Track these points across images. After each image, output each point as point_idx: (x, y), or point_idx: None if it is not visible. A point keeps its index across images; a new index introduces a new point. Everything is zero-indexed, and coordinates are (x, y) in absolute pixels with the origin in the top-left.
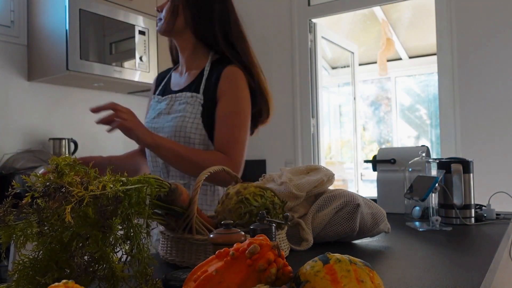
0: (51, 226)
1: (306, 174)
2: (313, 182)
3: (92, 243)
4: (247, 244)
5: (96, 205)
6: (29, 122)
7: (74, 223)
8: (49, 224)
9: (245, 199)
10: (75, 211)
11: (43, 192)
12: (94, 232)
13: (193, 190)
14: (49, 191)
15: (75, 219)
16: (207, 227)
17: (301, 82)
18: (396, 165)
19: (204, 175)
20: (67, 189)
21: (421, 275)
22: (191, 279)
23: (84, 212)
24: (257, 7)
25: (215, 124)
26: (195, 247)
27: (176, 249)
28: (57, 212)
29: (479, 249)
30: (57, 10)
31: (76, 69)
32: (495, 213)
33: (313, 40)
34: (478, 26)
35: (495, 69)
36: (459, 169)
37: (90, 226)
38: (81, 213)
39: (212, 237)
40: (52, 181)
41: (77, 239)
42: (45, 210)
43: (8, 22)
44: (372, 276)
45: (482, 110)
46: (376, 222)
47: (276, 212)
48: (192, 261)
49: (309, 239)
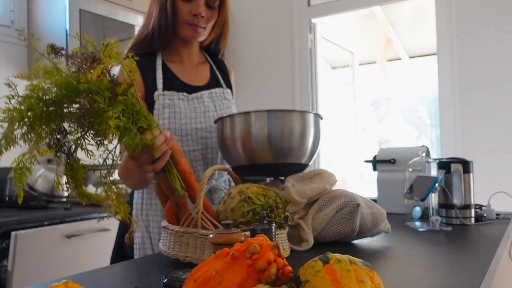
0: (74, 72)
1: (310, 180)
2: (316, 190)
3: (99, 98)
4: (247, 244)
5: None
6: None
7: (92, 81)
8: (75, 69)
9: (248, 198)
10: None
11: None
12: (105, 93)
13: (199, 186)
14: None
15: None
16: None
17: (301, 82)
18: (396, 165)
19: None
20: (99, 59)
21: (421, 275)
22: (191, 279)
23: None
24: (257, 7)
25: None
26: (200, 241)
27: (179, 244)
28: (84, 67)
29: (479, 249)
30: (57, 10)
31: None
32: (495, 213)
33: (313, 40)
34: (478, 26)
35: (495, 69)
36: (459, 169)
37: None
38: (100, 77)
39: (212, 237)
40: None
41: (89, 92)
42: (75, 58)
43: (8, 22)
44: (372, 276)
45: (482, 110)
46: (376, 222)
47: (279, 211)
48: (196, 256)
49: (309, 239)
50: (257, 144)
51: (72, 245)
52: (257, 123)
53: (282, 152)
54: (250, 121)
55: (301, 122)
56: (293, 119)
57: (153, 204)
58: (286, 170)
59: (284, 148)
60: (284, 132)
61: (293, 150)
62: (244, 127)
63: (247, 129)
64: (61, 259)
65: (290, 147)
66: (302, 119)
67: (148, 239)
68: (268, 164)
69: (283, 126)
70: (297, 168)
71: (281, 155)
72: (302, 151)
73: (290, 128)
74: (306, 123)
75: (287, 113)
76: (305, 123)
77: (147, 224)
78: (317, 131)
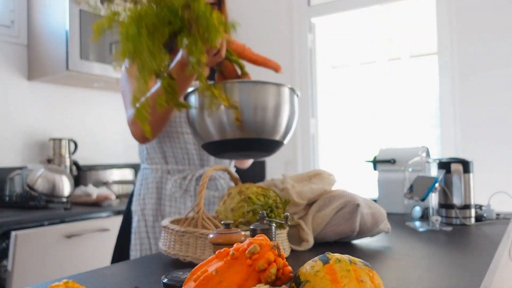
0: None
1: (309, 181)
2: (316, 191)
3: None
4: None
5: None
6: (29, 122)
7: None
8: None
9: (248, 198)
10: None
11: None
12: None
13: (200, 185)
14: None
15: None
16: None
17: (301, 82)
18: (396, 165)
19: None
20: None
21: (421, 275)
22: (191, 279)
23: None
24: (257, 7)
25: None
26: (201, 241)
27: (180, 243)
28: None
29: (479, 249)
30: (57, 10)
31: (76, 69)
32: (495, 213)
33: (313, 40)
34: (479, 26)
35: (495, 69)
36: (459, 169)
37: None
38: None
39: (212, 237)
40: None
41: None
42: None
43: (8, 22)
44: (372, 276)
45: (482, 110)
46: (376, 222)
47: (279, 211)
48: (196, 255)
49: (309, 239)
50: (228, 117)
51: (72, 245)
52: (228, 95)
53: (255, 127)
54: None
55: (276, 96)
56: (267, 92)
57: (149, 188)
58: (259, 147)
59: (257, 122)
60: (257, 105)
61: (267, 125)
62: (213, 98)
63: (217, 101)
64: (61, 259)
65: (263, 122)
66: (277, 92)
67: (143, 222)
68: (240, 139)
69: (256, 99)
70: (270, 145)
71: (253, 130)
72: (276, 127)
73: (264, 101)
74: (281, 98)
75: (260, 85)
76: (280, 98)
77: (143, 207)
78: (292, 108)
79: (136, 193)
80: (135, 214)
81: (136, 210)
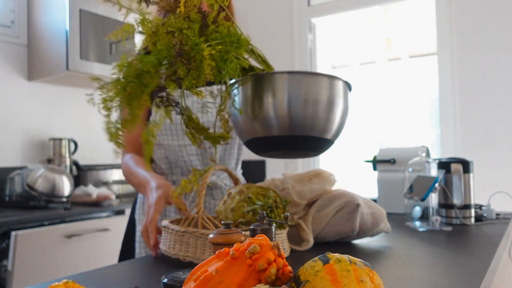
0: None
1: (309, 181)
2: (316, 191)
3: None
4: (247, 244)
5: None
6: (29, 122)
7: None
8: None
9: (248, 198)
10: None
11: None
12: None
13: (200, 186)
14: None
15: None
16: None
17: None
18: (396, 165)
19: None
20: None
21: (421, 275)
22: (191, 279)
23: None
24: (257, 7)
25: None
26: (201, 241)
27: (180, 244)
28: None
29: (479, 249)
30: (57, 10)
31: (76, 69)
32: (495, 213)
33: (313, 40)
34: (478, 26)
35: (495, 69)
36: (459, 169)
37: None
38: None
39: (212, 237)
40: None
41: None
42: None
43: (8, 22)
44: (372, 276)
45: (482, 110)
46: (376, 222)
47: (279, 211)
48: (196, 255)
49: (309, 239)
50: (275, 111)
51: (72, 245)
52: (275, 86)
53: (304, 123)
54: (267, 84)
55: (329, 90)
56: (319, 85)
57: None
58: (307, 146)
59: (306, 118)
60: (307, 99)
61: (318, 121)
62: (259, 91)
63: (263, 93)
64: (61, 259)
65: (314, 117)
66: (330, 85)
67: None
68: (287, 136)
69: (307, 92)
70: (320, 144)
71: (302, 127)
72: (328, 124)
73: (315, 94)
74: (335, 91)
75: (312, 77)
76: (333, 91)
77: None
78: (346, 103)
79: (139, 201)
80: (139, 223)
81: (140, 220)
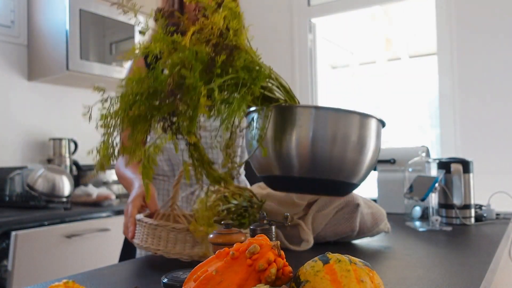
0: None
1: None
2: None
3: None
4: (247, 244)
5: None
6: (29, 122)
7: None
8: None
9: (224, 197)
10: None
11: None
12: (197, 64)
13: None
14: None
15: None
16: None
17: (301, 82)
18: (396, 165)
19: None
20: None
21: (421, 275)
22: (191, 279)
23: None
24: (257, 7)
25: None
26: (173, 235)
27: (152, 237)
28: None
29: (479, 249)
30: (57, 10)
31: (76, 69)
32: (495, 213)
33: (313, 40)
34: (478, 26)
35: (495, 69)
36: (459, 169)
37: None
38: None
39: (212, 237)
40: None
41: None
42: None
43: (8, 22)
44: (372, 276)
45: (482, 110)
46: (376, 222)
47: (253, 211)
48: (167, 249)
49: (309, 239)
50: (297, 150)
51: (72, 245)
52: (299, 121)
53: (330, 165)
54: (289, 117)
55: (360, 128)
56: (350, 123)
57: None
58: (331, 190)
59: (333, 159)
60: (336, 139)
61: (346, 164)
62: (280, 126)
63: (284, 128)
64: (61, 259)
65: (342, 160)
66: (362, 124)
67: None
68: (307, 178)
69: (335, 131)
70: (345, 188)
71: (326, 169)
72: (357, 167)
73: (345, 134)
74: (367, 131)
75: (341, 114)
76: (365, 130)
77: None
78: (378, 143)
79: None
80: None
81: None
